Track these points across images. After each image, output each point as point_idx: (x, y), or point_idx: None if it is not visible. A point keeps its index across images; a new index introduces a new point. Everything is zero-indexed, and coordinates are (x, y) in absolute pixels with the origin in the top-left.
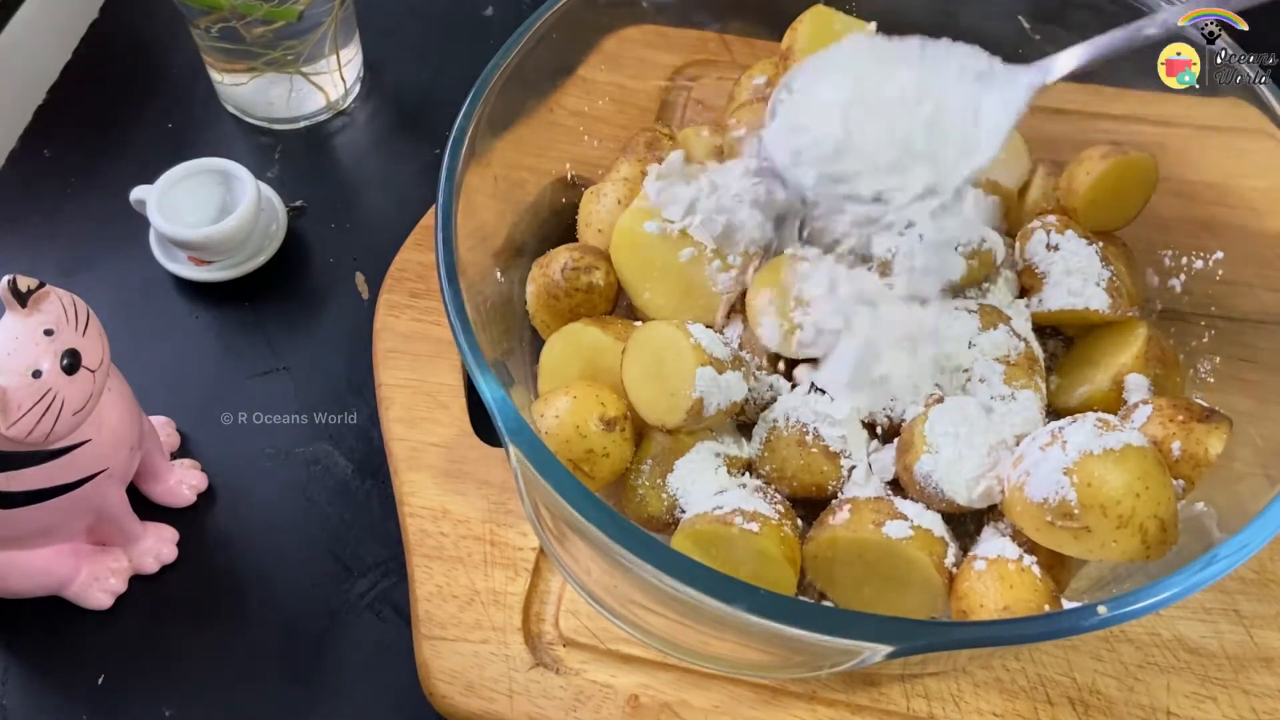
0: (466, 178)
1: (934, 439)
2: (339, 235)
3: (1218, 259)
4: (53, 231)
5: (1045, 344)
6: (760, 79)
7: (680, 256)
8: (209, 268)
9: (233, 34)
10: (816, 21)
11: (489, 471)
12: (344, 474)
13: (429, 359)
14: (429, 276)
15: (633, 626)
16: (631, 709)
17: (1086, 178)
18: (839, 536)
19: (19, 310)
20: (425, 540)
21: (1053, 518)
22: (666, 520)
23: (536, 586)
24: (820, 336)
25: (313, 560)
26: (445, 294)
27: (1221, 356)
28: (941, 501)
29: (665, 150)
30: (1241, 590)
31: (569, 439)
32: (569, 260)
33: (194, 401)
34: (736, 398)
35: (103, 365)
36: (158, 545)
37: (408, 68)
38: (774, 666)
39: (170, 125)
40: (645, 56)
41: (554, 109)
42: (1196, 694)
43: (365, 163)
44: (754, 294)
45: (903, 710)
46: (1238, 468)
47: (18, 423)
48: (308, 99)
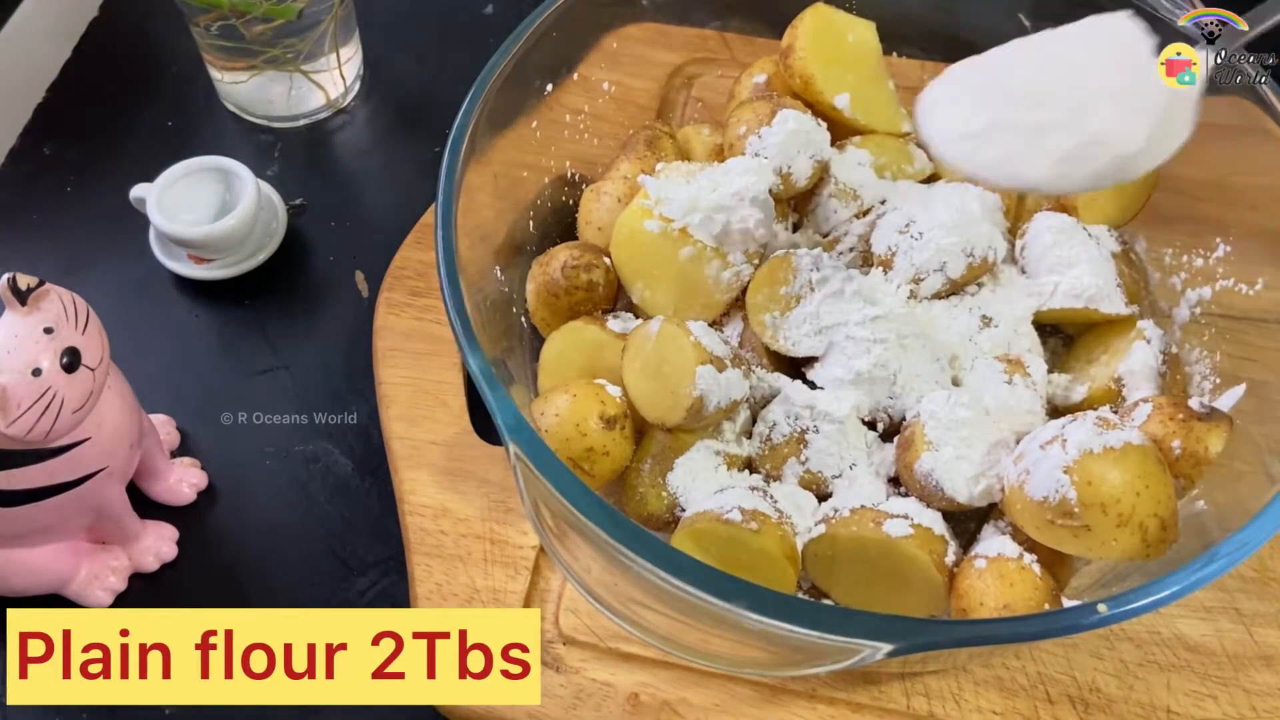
0: (466, 176)
1: (934, 437)
2: (339, 233)
3: (1218, 257)
4: (53, 230)
5: (1046, 342)
6: (760, 77)
7: (680, 255)
8: (209, 266)
9: (232, 32)
10: (816, 20)
11: (489, 470)
12: (344, 472)
13: (429, 357)
14: (429, 275)
15: (633, 625)
16: (631, 707)
17: None
18: (839, 535)
19: (19, 308)
20: (425, 538)
21: (1053, 516)
22: (666, 519)
23: (536, 585)
24: (820, 334)
25: (313, 558)
26: (445, 292)
27: (1222, 355)
28: (942, 500)
29: (665, 148)
30: (1241, 588)
31: (569, 437)
32: (569, 258)
33: (194, 399)
34: (736, 396)
35: (102, 363)
36: (158, 543)
37: (408, 66)
38: (774, 665)
39: (170, 123)
40: (645, 55)
41: (554, 107)
42: (1197, 692)
43: (365, 161)
44: (754, 292)
45: (903, 708)
46: (1238, 466)
47: (17, 421)
48: (308, 97)
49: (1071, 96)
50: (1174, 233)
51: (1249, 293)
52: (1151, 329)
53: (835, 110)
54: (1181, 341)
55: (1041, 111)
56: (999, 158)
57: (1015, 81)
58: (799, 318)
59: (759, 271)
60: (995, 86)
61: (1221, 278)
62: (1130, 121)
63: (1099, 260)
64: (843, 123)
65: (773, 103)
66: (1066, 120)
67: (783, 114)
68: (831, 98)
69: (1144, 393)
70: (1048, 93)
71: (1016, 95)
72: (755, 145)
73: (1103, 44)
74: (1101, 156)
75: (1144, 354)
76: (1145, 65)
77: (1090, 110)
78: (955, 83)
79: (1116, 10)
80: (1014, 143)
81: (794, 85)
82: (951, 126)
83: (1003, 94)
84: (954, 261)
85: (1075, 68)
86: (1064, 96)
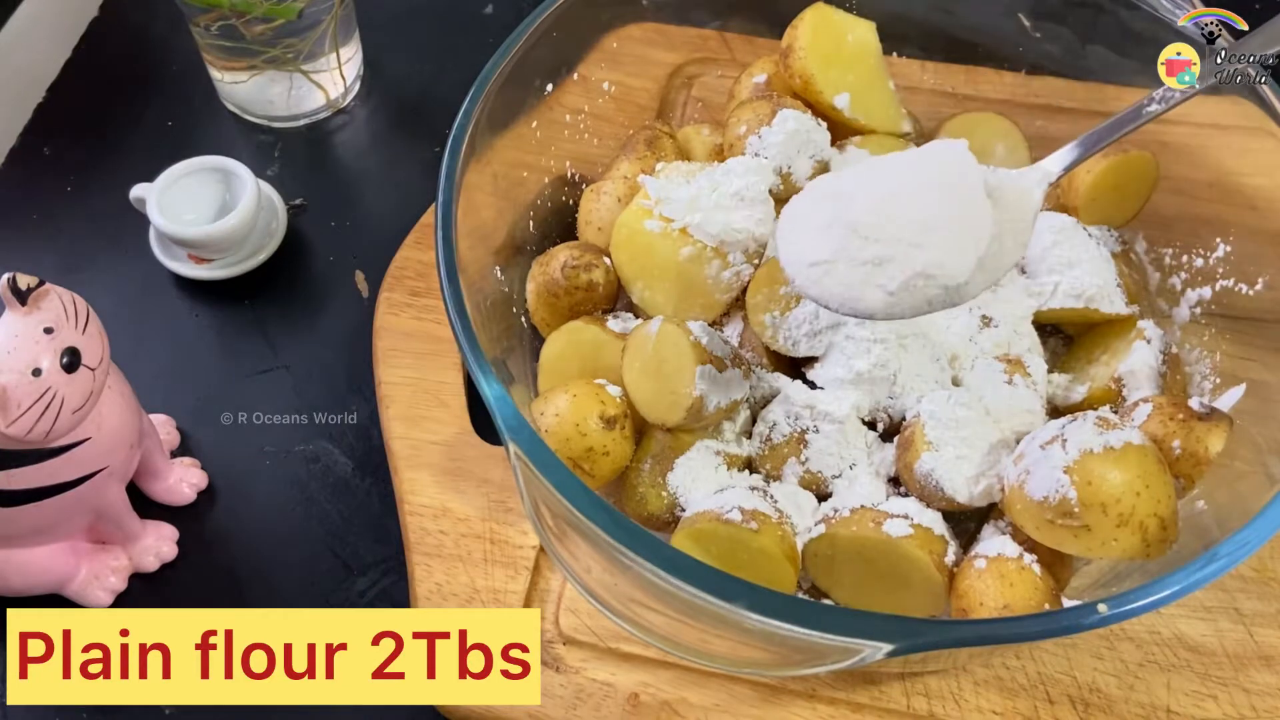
0: (466, 176)
1: (934, 437)
2: (339, 233)
3: (1218, 257)
4: (53, 229)
5: (1046, 342)
6: (760, 77)
7: (680, 255)
8: (209, 266)
9: (232, 32)
10: (816, 19)
11: (489, 470)
12: (344, 472)
13: (429, 357)
14: (429, 275)
15: (633, 625)
16: (631, 707)
17: (1087, 176)
18: (839, 534)
19: (19, 308)
20: (425, 538)
21: (1053, 516)
22: (666, 519)
23: (536, 585)
24: (820, 334)
25: (312, 558)
26: (445, 292)
27: (1222, 355)
28: (942, 500)
29: (665, 148)
30: (1242, 588)
31: (569, 437)
32: (569, 258)
33: (194, 399)
34: (736, 396)
35: (102, 363)
36: (158, 543)
37: (408, 66)
38: (774, 665)
39: (170, 123)
40: (645, 54)
41: (554, 107)
42: (1197, 692)
43: (365, 161)
44: (754, 292)
45: (903, 708)
46: (1238, 466)
47: (17, 421)
48: (307, 97)
49: (904, 230)
50: (1174, 233)
51: (1249, 293)
52: (1151, 329)
53: (835, 110)
54: (1181, 341)
55: (876, 246)
56: (839, 288)
57: (856, 213)
58: (799, 318)
59: (759, 271)
60: (837, 219)
61: (1221, 278)
62: (957, 254)
63: (1099, 260)
64: (843, 123)
65: (773, 103)
66: (898, 254)
67: (783, 114)
68: (831, 98)
69: (1144, 393)
70: (883, 226)
71: (855, 228)
72: (755, 145)
73: (935, 174)
74: (931, 288)
75: (1144, 354)
76: (974, 197)
77: (920, 244)
78: (811, 203)
79: (1115, 10)
80: (851, 275)
81: (794, 85)
82: (802, 253)
83: (843, 226)
84: None
85: (910, 200)
86: (897, 230)
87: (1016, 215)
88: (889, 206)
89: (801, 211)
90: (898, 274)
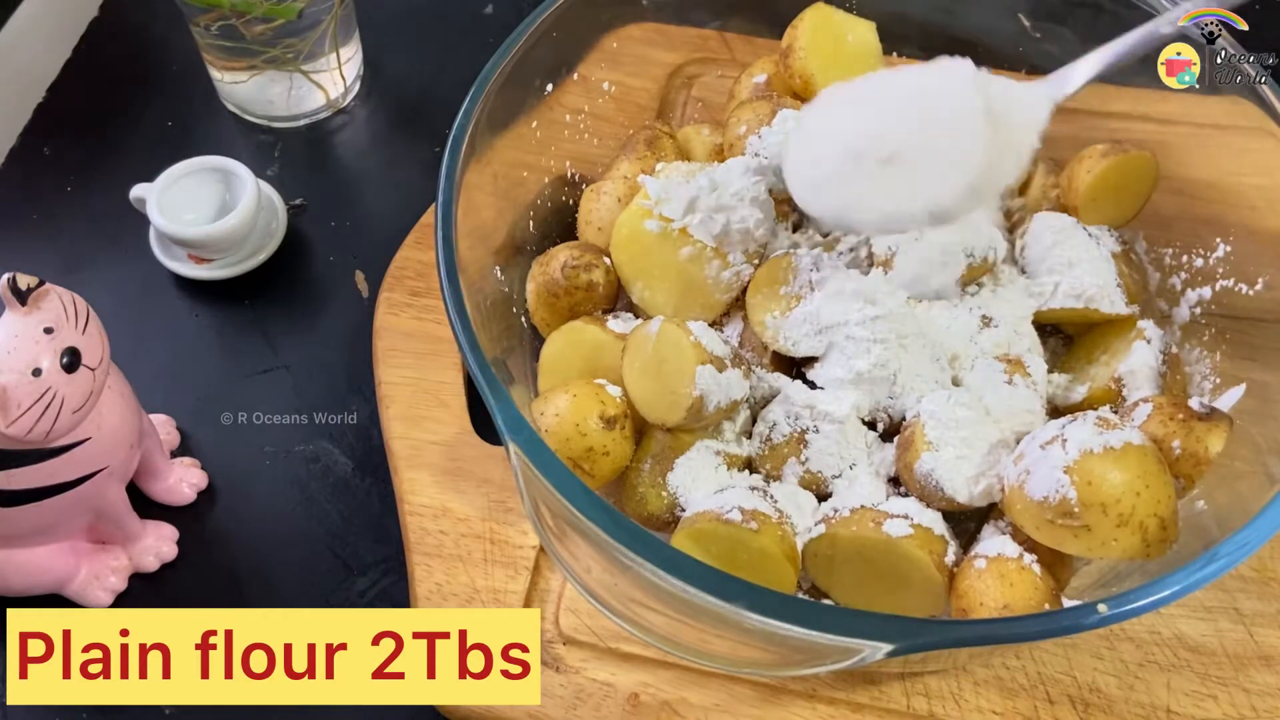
0: (466, 176)
1: (934, 437)
2: (339, 233)
3: (1218, 257)
4: (53, 229)
5: (1046, 342)
6: (760, 77)
7: (680, 255)
8: (209, 266)
9: (232, 32)
10: (816, 19)
11: (489, 470)
12: (344, 472)
13: (429, 357)
14: (429, 275)
15: (633, 625)
16: (631, 707)
17: (1087, 175)
18: (839, 534)
19: (19, 308)
20: (425, 538)
21: (1053, 516)
22: (666, 519)
23: (536, 585)
24: (820, 334)
25: (312, 558)
26: (445, 292)
27: (1222, 355)
28: (942, 500)
29: (665, 148)
30: (1242, 588)
31: (569, 437)
32: (569, 258)
33: (194, 399)
34: (736, 396)
35: (102, 363)
36: (158, 543)
37: (408, 66)
38: (774, 665)
39: (170, 123)
40: (645, 54)
41: (554, 107)
42: (1197, 692)
43: (365, 161)
44: (753, 292)
45: (903, 708)
46: (1238, 466)
47: (17, 421)
48: (307, 97)
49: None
50: (1174, 233)
51: (1249, 293)
52: (1151, 329)
53: None
54: (1181, 341)
55: (870, 166)
56: (834, 204)
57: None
58: (799, 318)
59: (759, 271)
60: (837, 138)
61: (1221, 278)
62: (947, 181)
63: (1099, 260)
64: None
65: (773, 103)
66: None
67: (783, 114)
68: None
69: (1144, 393)
70: (876, 148)
71: (851, 148)
72: (755, 145)
73: (934, 97)
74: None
75: (1144, 354)
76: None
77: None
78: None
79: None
80: (845, 193)
81: (794, 85)
82: (803, 169)
83: (841, 146)
84: (954, 261)
85: (909, 118)
86: (893, 146)
87: (1019, 135)
88: (889, 122)
89: (809, 127)
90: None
